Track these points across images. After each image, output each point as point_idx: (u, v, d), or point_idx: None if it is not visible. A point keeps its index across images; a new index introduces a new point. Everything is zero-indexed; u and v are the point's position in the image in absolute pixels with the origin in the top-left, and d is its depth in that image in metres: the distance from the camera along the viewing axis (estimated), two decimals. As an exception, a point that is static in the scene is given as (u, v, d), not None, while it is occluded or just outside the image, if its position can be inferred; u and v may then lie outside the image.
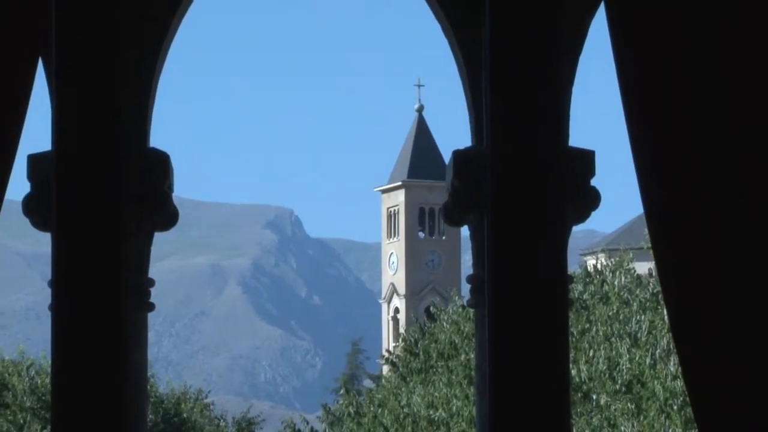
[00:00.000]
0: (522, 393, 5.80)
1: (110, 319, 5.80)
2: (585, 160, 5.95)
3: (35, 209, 5.88)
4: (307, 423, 39.16)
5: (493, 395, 5.84)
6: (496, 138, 5.86)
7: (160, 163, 6.01)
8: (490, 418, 5.84)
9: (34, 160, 5.87)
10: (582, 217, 6.03)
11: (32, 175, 5.88)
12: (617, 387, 28.85)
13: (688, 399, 21.79)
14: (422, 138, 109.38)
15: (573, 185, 5.91)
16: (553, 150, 5.85)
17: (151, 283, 6.14)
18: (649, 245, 22.26)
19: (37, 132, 5.85)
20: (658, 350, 28.66)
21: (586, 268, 37.63)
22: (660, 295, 29.55)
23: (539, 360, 5.82)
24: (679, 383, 26.89)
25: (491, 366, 5.84)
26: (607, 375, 28.69)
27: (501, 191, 5.85)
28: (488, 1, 5.79)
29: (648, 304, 30.18)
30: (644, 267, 33.81)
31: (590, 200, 5.99)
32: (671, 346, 27.75)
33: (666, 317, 27.80)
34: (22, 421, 44.04)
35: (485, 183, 5.88)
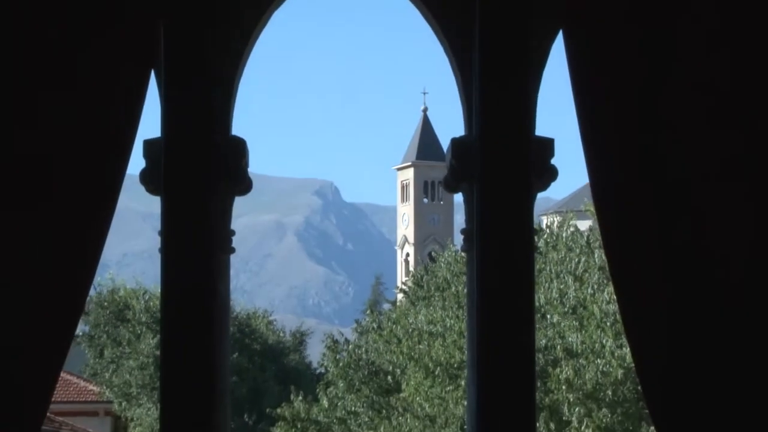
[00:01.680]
0: (500, 312, 5.77)
1: (203, 260, 5.77)
2: (546, 146, 5.90)
3: (149, 180, 5.83)
4: (342, 335, 39.06)
5: (479, 314, 5.80)
6: (482, 129, 5.84)
7: (239, 146, 5.97)
8: (478, 330, 5.80)
9: (148, 144, 5.84)
10: (543, 187, 5.97)
11: (147, 154, 5.84)
12: (565, 309, 28.74)
13: (619, 317, 21.80)
14: (426, 130, 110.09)
15: (537, 164, 5.86)
16: (524, 139, 5.83)
17: (232, 233, 6.09)
18: (588, 208, 22.03)
19: (150, 123, 5.78)
20: (593, 283, 28.51)
21: (541, 224, 37.78)
22: (593, 242, 29.56)
23: (513, 289, 5.78)
24: (612, 307, 26.81)
25: (478, 293, 5.81)
26: (558, 301, 28.56)
27: (486, 168, 5.83)
28: (478, 21, 5.75)
29: (585, 250, 30.07)
30: (584, 224, 33.76)
31: (550, 176, 5.95)
32: (603, 280, 27.69)
33: (598, 258, 27.81)
34: (139, 332, 44.08)
35: (474, 162, 5.84)
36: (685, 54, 5.39)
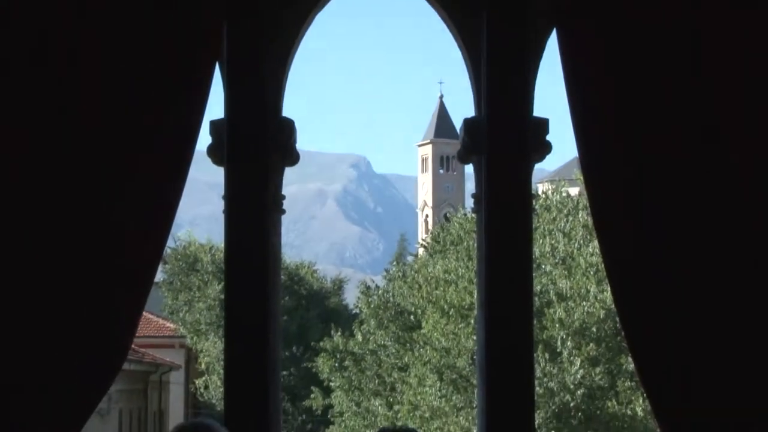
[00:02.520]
0: (503, 262, 5.79)
1: (259, 219, 5.78)
2: (542, 125, 5.90)
3: (214, 153, 5.86)
4: (374, 282, 39.12)
5: (486, 264, 5.81)
6: (489, 111, 5.85)
7: (289, 126, 5.98)
8: (485, 277, 5.80)
9: (213, 124, 5.87)
10: (539, 159, 5.97)
11: (213, 132, 5.87)
12: (556, 261, 28.71)
13: (601, 267, 21.73)
14: (442, 113, 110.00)
15: (534, 140, 5.86)
16: (523, 119, 5.84)
17: (283, 197, 6.09)
18: (576, 177, 21.89)
19: (215, 107, 5.78)
20: (579, 239, 28.47)
21: (537, 190, 37.70)
22: (580, 205, 29.50)
23: (514, 243, 5.78)
24: (595, 258, 26.80)
25: (485, 247, 5.83)
26: (550, 253, 28.51)
27: (492, 143, 5.84)
28: (485, 22, 5.75)
29: (573, 211, 30.01)
30: (573, 191, 33.68)
31: (545, 150, 5.95)
32: (587, 236, 27.66)
33: (584, 218, 27.76)
34: (206, 280, 44.25)
35: (483, 138, 5.84)
36: (673, 51, 5.34)
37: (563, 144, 6.90)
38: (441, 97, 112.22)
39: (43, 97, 5.28)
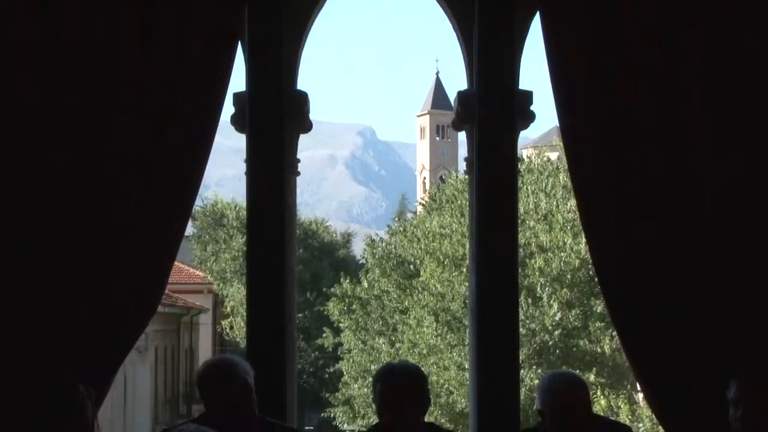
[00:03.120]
0: (492, 218, 5.78)
1: (277, 180, 5.76)
2: (527, 97, 5.86)
3: (237, 122, 5.82)
4: (378, 236, 39.13)
5: (477, 219, 5.80)
6: (480, 84, 5.79)
7: (303, 97, 5.95)
8: (476, 231, 5.78)
9: (236, 96, 5.82)
10: (524, 127, 5.93)
11: (236, 103, 5.82)
12: (538, 217, 28.70)
13: (577, 223, 21.74)
14: (438, 87, 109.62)
15: (520, 110, 5.81)
16: (510, 91, 5.79)
17: (298, 161, 6.07)
18: (556, 143, 21.82)
19: (238, 80, 5.74)
20: (559, 198, 28.46)
21: (522, 155, 37.67)
22: (559, 168, 29.47)
23: (501, 201, 5.77)
24: (572, 215, 26.81)
25: (476, 204, 5.81)
26: (533, 210, 28.48)
27: (483, 113, 5.79)
28: (477, 5, 5.71)
29: (553, 173, 29.98)
30: (553, 155, 33.57)
31: (529, 119, 5.90)
32: (566, 195, 27.65)
33: (563, 179, 27.76)
34: (231, 233, 44.36)
35: (474, 109, 5.81)
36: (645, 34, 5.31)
37: (545, 114, 6.83)
38: (437, 73, 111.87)
39: (88, 69, 5.27)
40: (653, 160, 5.28)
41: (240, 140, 5.83)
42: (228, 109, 5.67)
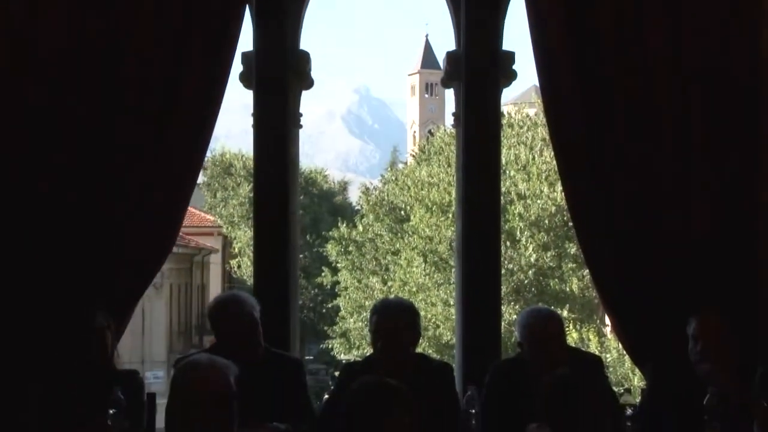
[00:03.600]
0: (477, 168, 5.78)
1: (281, 132, 5.74)
2: (510, 57, 5.81)
3: (245, 79, 5.78)
4: (372, 184, 39.04)
5: (463, 169, 5.80)
6: (467, 45, 5.76)
7: (305, 57, 5.90)
8: (462, 180, 5.77)
9: (244, 55, 5.77)
10: (507, 85, 5.90)
11: (244, 62, 5.77)
12: (518, 167, 28.67)
13: (554, 172, 21.71)
14: (428, 48, 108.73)
15: (503, 69, 5.78)
16: (495, 51, 5.77)
17: (300, 115, 6.04)
18: (534, 100, 21.64)
19: (246, 41, 5.68)
20: (537, 149, 28.40)
21: (504, 110, 37.49)
22: (537, 123, 29.37)
23: (485, 152, 5.77)
24: (548, 165, 26.78)
25: (462, 156, 5.80)
26: (513, 161, 28.41)
27: (468, 72, 5.77)
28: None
29: (531, 127, 29.89)
30: (532, 111, 33.43)
31: (511, 77, 5.86)
32: (543, 148, 27.60)
33: (541, 132, 27.70)
34: (239, 181, 44.21)
35: (461, 68, 5.78)
36: None
37: (526, 73, 6.78)
38: (426, 35, 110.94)
39: (106, 25, 5.22)
40: (623, 113, 5.27)
41: (247, 96, 5.80)
42: (236, 67, 5.62)
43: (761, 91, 5.24)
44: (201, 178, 42.39)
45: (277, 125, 5.71)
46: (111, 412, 4.34)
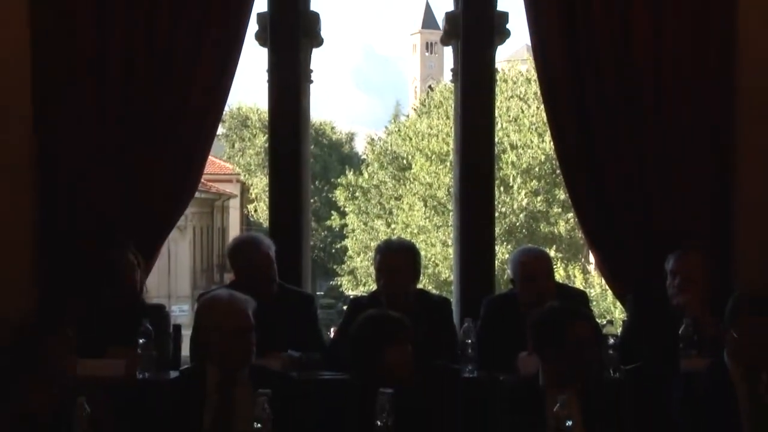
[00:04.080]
0: (473, 120, 5.73)
1: (294, 86, 5.69)
2: (504, 17, 5.74)
3: (260, 37, 5.71)
4: (377, 135, 38.86)
5: (461, 121, 5.75)
6: (464, 6, 5.67)
7: (315, 17, 5.82)
8: (460, 131, 5.74)
9: (259, 15, 5.69)
10: (501, 43, 5.82)
11: (259, 22, 5.69)
12: (510, 119, 28.50)
13: (545, 123, 21.62)
14: (428, 9, 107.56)
15: (498, 28, 5.71)
16: (490, 11, 5.67)
17: (311, 71, 5.98)
18: (526, 57, 21.36)
19: (261, 2, 5.59)
20: (529, 102, 28.24)
21: (498, 67, 37.07)
22: (529, 77, 29.12)
23: (481, 105, 5.72)
24: (537, 117, 26.65)
25: (460, 108, 5.75)
26: (506, 114, 28.22)
27: (466, 30, 5.69)
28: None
29: (524, 83, 29.65)
30: (524, 68, 33.12)
31: (505, 36, 5.79)
32: (534, 101, 27.42)
33: (534, 86, 27.51)
34: (255, 132, 44.06)
35: (459, 27, 5.71)
36: None
37: (519, 32, 6.71)
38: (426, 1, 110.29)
39: None
40: (607, 67, 5.23)
41: (262, 54, 5.73)
42: (252, 27, 5.57)
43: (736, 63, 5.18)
44: (220, 130, 42.23)
45: (289, 81, 5.66)
46: (141, 341, 4.37)
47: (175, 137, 5.25)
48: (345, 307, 6.08)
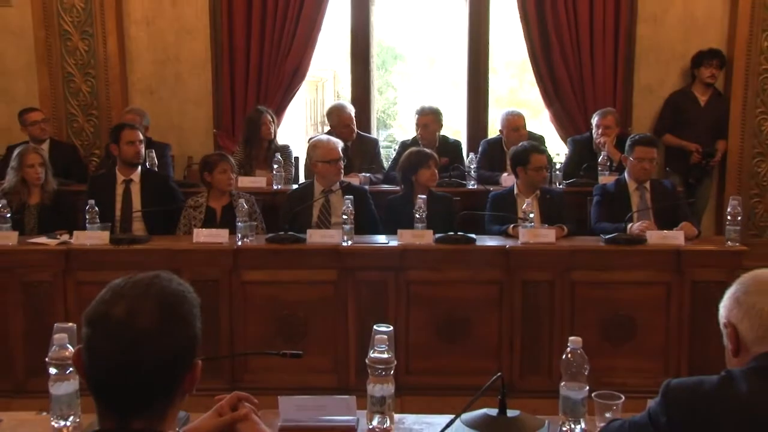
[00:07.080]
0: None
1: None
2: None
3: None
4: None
5: (470, 50, 5.24)
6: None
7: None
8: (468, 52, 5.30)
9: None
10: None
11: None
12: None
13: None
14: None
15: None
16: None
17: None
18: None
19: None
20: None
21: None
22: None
23: (478, 32, 5.22)
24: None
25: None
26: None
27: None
28: None
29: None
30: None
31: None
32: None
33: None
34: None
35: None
36: None
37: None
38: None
39: None
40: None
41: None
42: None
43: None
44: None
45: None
46: (275, 167, 4.43)
47: (295, 50, 5.02)
48: (396, 147, 6.01)
